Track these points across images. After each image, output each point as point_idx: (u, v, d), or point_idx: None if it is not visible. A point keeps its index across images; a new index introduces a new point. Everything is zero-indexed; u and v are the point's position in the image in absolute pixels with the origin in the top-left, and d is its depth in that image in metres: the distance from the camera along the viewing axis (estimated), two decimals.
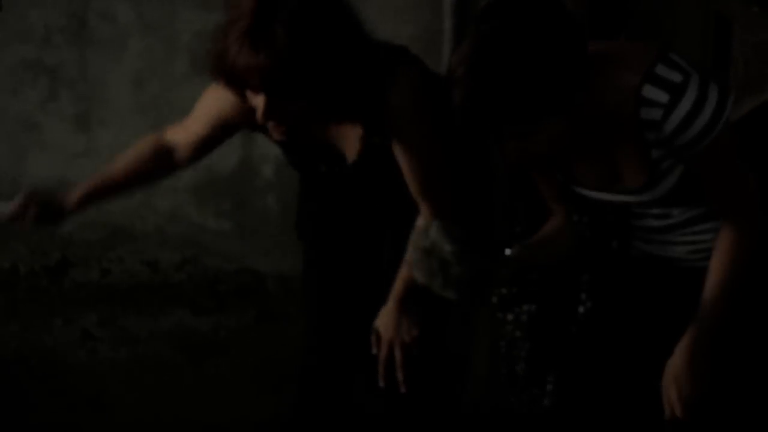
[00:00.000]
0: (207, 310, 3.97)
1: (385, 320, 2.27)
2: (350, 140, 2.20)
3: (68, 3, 4.21)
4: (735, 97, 3.21)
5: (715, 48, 3.47)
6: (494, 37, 1.80)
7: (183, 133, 2.33)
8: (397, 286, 2.25)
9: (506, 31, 1.80)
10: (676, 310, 2.14)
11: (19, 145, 4.34)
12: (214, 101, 2.23)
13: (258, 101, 2.00)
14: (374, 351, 2.28)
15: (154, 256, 4.27)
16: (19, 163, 4.35)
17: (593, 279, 2.22)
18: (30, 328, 3.81)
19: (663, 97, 1.89)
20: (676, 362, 2.01)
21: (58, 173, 4.35)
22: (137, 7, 4.19)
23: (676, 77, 1.90)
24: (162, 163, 2.35)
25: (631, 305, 2.19)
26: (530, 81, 1.80)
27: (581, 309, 2.23)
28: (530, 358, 2.21)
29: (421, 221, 2.16)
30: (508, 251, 2.03)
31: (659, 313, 2.17)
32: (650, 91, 1.89)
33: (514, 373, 2.23)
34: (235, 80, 1.99)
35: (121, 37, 4.22)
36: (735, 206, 1.98)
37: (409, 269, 2.12)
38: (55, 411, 3.27)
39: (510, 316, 2.23)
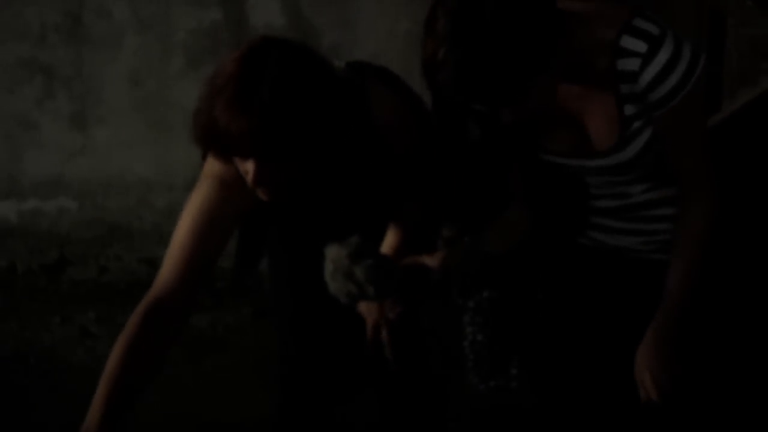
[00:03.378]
0: (204, 307, 3.97)
1: (366, 303, 2.25)
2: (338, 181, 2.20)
3: (63, 1, 4.20)
4: (729, 90, 3.24)
5: (710, 41, 3.48)
6: (466, 10, 1.80)
7: (169, 278, 2.15)
8: None
9: (476, 1, 1.80)
10: (625, 299, 2.17)
11: (15, 144, 4.33)
12: (200, 207, 2.13)
13: (248, 167, 1.98)
14: (368, 337, 2.28)
15: (152, 253, 4.28)
16: (16, 161, 4.34)
17: (547, 260, 2.24)
18: (28, 327, 3.83)
19: (641, 46, 1.91)
20: (646, 347, 2.04)
21: (55, 171, 4.35)
22: (132, 5, 4.19)
23: (653, 29, 1.92)
24: (161, 333, 2.10)
25: (583, 294, 2.22)
26: (513, 44, 1.80)
27: (540, 296, 2.26)
28: (492, 343, 2.23)
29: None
30: (466, 239, 2.07)
31: (610, 301, 2.19)
32: (628, 42, 1.92)
33: (480, 360, 2.25)
34: (226, 147, 1.97)
35: (116, 34, 4.21)
36: (695, 176, 2.00)
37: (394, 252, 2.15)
38: (53, 408, 3.28)
39: (471, 303, 2.25)
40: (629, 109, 1.96)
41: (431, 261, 2.07)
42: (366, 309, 2.27)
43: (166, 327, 2.12)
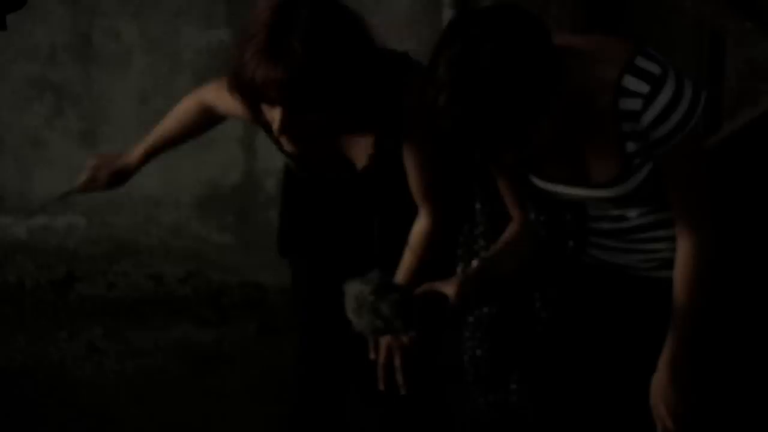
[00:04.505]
0: (210, 322, 3.99)
1: None
2: (360, 146, 2.22)
3: (73, 21, 4.23)
4: (728, 111, 3.27)
5: (710, 63, 3.50)
6: (464, 58, 1.82)
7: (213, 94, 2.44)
8: None
9: (473, 49, 1.82)
10: (627, 316, 2.17)
11: (25, 161, 4.36)
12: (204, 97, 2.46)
13: (275, 114, 2.02)
14: (372, 356, 2.27)
15: (159, 269, 4.29)
16: (26, 178, 4.36)
17: (548, 280, 2.26)
18: (36, 342, 3.84)
19: (643, 87, 1.91)
20: (660, 378, 2.04)
21: (63, 188, 4.37)
22: (141, 26, 4.21)
23: (655, 69, 1.93)
24: (208, 119, 2.50)
25: (585, 311, 2.23)
26: (511, 90, 1.81)
27: (541, 312, 2.26)
28: (491, 358, 2.24)
29: (416, 229, 2.20)
30: (474, 262, 2.07)
31: (612, 319, 2.20)
32: (630, 82, 1.92)
33: (479, 375, 2.26)
34: (254, 94, 2.01)
35: (125, 54, 4.24)
36: (694, 214, 2.00)
37: (405, 277, 2.16)
38: (61, 423, 3.29)
39: (471, 318, 2.26)
40: (631, 147, 1.97)
41: (447, 288, 2.07)
42: None
43: (212, 117, 2.51)
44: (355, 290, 2.02)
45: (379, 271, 2.04)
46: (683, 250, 2.02)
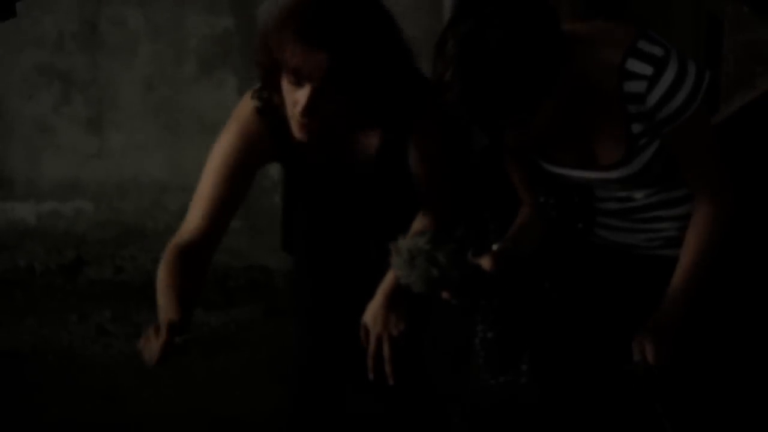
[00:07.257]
0: (217, 305, 4.01)
1: (373, 315, 2.27)
2: (368, 141, 2.24)
3: (80, 9, 4.26)
4: (725, 94, 3.29)
5: (707, 46, 3.53)
6: (474, 36, 1.85)
7: (195, 225, 2.24)
8: (386, 281, 2.27)
9: (484, 28, 1.85)
10: (635, 295, 2.19)
11: (33, 148, 4.39)
12: (224, 158, 2.19)
13: (300, 96, 2.01)
14: (363, 344, 2.28)
15: None
16: (34, 164, 4.40)
17: (557, 261, 2.29)
18: (46, 325, 3.87)
19: (647, 69, 1.94)
20: (663, 310, 2.06)
21: (71, 174, 4.41)
22: (147, 13, 4.24)
23: (658, 51, 1.95)
24: (194, 265, 2.18)
25: (593, 291, 2.24)
26: (517, 70, 1.84)
27: (551, 293, 2.29)
28: (502, 340, 2.27)
29: (417, 227, 2.23)
30: (495, 246, 2.10)
31: (620, 298, 2.22)
32: (634, 65, 1.94)
33: (491, 357, 2.29)
34: (289, 72, 1.99)
35: (131, 42, 4.27)
36: (709, 181, 2.03)
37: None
38: (70, 404, 3.31)
39: (481, 302, 2.28)
40: (637, 128, 1.99)
41: (483, 262, 2.08)
42: (371, 321, 2.28)
43: (195, 263, 2.20)
44: (407, 244, 2.00)
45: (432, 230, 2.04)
46: (700, 215, 2.05)
